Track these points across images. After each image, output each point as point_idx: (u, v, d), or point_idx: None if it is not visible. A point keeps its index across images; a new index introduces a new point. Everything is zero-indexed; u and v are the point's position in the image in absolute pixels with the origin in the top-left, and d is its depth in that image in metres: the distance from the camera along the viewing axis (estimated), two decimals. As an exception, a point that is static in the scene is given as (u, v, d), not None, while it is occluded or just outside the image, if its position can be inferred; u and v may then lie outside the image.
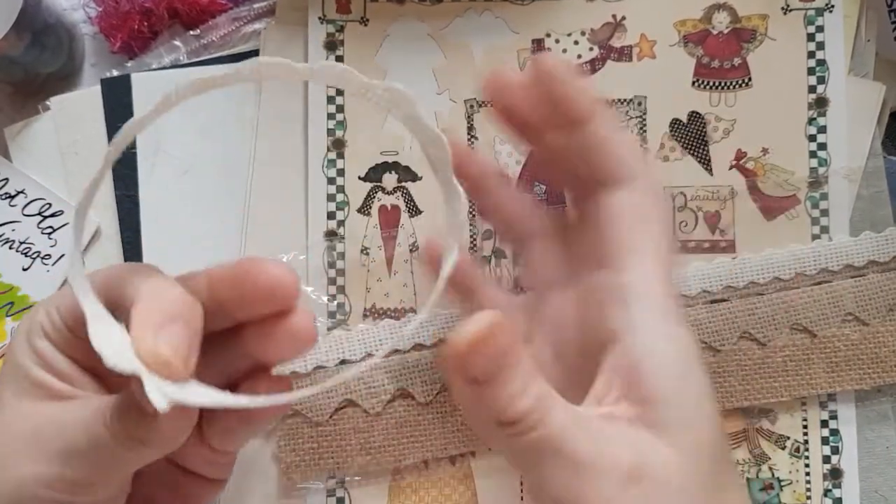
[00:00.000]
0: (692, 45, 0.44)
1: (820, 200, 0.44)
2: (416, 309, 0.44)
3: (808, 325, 0.43)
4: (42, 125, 0.45)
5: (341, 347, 0.42)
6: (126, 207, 0.44)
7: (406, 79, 0.44)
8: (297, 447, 0.42)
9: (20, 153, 0.45)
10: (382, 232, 0.44)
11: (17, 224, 0.44)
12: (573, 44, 0.45)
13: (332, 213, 0.44)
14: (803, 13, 0.44)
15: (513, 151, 0.44)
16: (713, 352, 0.43)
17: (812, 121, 0.44)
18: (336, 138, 0.44)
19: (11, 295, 0.44)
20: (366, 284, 0.44)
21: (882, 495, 0.44)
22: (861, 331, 0.43)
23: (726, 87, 0.44)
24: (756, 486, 0.44)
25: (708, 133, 0.44)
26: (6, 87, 0.46)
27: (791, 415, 0.44)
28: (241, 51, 0.45)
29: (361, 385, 0.42)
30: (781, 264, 0.43)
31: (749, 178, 0.44)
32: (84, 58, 0.47)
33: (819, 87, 0.44)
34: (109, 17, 0.45)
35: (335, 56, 0.44)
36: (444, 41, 0.44)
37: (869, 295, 0.43)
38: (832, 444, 0.44)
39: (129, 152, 0.44)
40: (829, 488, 0.44)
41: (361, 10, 0.44)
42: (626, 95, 0.44)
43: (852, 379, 0.43)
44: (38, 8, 0.43)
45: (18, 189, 0.44)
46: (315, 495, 0.43)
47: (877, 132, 0.44)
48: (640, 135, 0.44)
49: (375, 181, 0.44)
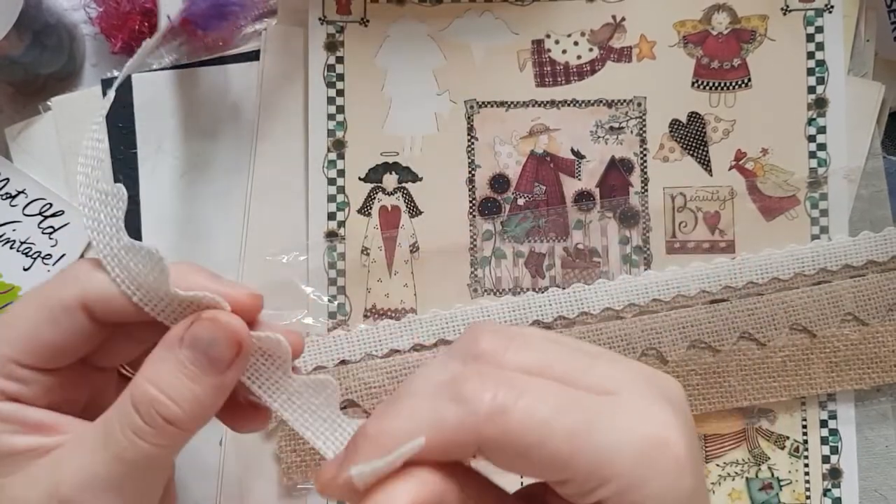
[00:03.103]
0: (692, 46, 0.44)
1: (819, 201, 0.44)
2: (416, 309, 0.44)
3: (807, 325, 0.43)
4: (42, 125, 0.45)
5: (341, 347, 0.43)
6: (126, 207, 0.44)
7: (406, 79, 0.44)
8: (297, 447, 0.42)
9: (21, 153, 0.45)
10: (383, 232, 0.44)
11: (17, 224, 0.44)
12: (573, 44, 0.45)
13: (333, 213, 0.44)
14: (803, 14, 0.44)
15: (513, 152, 0.44)
16: (713, 352, 0.43)
17: (812, 121, 0.44)
18: (336, 139, 0.44)
19: (12, 295, 0.44)
20: (366, 285, 0.44)
21: (882, 495, 0.44)
22: (860, 331, 0.43)
23: (726, 88, 0.44)
24: (755, 485, 0.44)
25: (707, 133, 0.44)
26: (7, 87, 0.46)
27: (790, 415, 0.44)
28: (241, 51, 0.45)
29: (361, 385, 0.42)
30: (781, 264, 0.43)
31: (749, 178, 0.44)
32: (84, 58, 0.47)
33: (818, 87, 0.44)
34: (110, 17, 0.45)
35: (335, 56, 0.44)
36: (444, 42, 0.45)
37: (868, 295, 0.43)
38: (832, 443, 0.44)
39: (129, 152, 0.44)
40: (829, 488, 0.44)
41: (361, 11, 0.44)
42: (626, 96, 0.44)
43: (852, 379, 0.43)
44: (39, 8, 0.43)
45: (19, 189, 0.44)
46: (316, 495, 0.43)
47: (876, 132, 0.44)
48: (639, 135, 0.44)
49: (375, 182, 0.44)
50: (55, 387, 0.29)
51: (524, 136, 0.44)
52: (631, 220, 0.44)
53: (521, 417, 0.24)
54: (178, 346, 0.27)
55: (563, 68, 0.45)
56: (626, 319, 0.43)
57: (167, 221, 0.44)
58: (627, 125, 0.44)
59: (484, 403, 0.24)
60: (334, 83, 0.44)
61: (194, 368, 0.27)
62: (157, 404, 0.27)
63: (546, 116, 0.44)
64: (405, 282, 0.44)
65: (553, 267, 0.44)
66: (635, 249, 0.44)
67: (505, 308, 0.43)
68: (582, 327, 0.43)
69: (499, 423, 0.24)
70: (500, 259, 0.44)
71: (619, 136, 0.44)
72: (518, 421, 0.24)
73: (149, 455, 0.27)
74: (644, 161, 0.44)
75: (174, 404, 0.27)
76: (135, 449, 0.27)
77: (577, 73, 0.45)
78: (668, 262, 0.44)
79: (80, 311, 0.28)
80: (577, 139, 0.44)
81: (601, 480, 0.24)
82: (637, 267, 0.44)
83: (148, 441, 0.27)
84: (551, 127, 0.44)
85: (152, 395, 0.27)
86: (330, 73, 0.44)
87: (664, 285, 0.43)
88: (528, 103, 0.44)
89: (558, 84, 0.45)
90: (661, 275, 0.43)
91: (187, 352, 0.27)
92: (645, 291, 0.43)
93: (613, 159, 0.44)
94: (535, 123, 0.44)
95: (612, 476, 0.24)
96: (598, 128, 0.44)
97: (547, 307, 0.43)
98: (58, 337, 0.28)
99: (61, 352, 0.29)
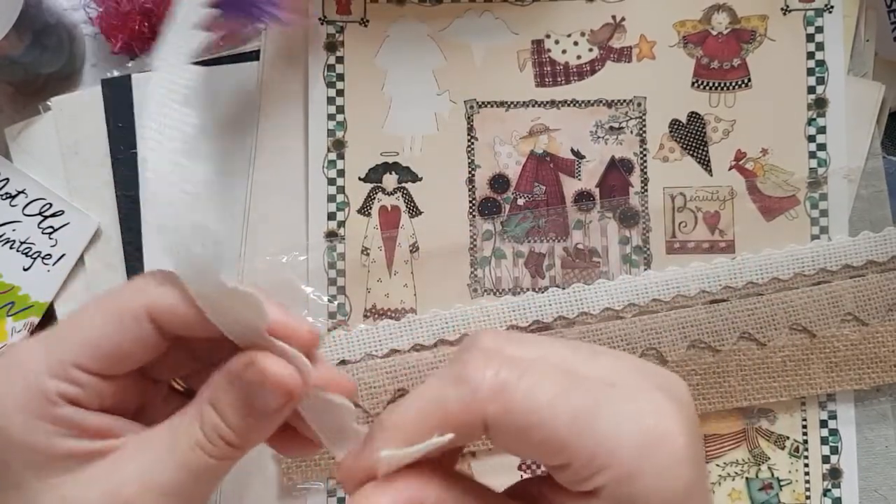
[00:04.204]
0: (692, 46, 0.44)
1: (819, 201, 0.44)
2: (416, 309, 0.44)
3: (807, 325, 0.43)
4: (42, 125, 0.45)
5: (341, 347, 0.43)
6: (126, 207, 0.44)
7: (406, 79, 0.44)
8: (297, 447, 0.42)
9: (21, 153, 0.45)
10: (382, 232, 0.44)
11: (17, 224, 0.44)
12: (573, 44, 0.45)
13: (333, 213, 0.44)
14: (803, 14, 0.44)
15: (513, 152, 0.44)
16: (713, 352, 0.43)
17: (811, 121, 0.44)
18: (336, 139, 0.44)
19: (12, 295, 0.44)
20: (366, 285, 0.44)
21: (881, 494, 0.44)
22: (860, 331, 0.43)
23: (726, 88, 0.44)
24: (755, 485, 0.44)
25: (707, 133, 0.44)
26: (7, 87, 0.46)
27: (790, 415, 0.44)
28: (241, 51, 0.45)
29: (361, 385, 0.42)
30: (780, 264, 0.43)
31: (748, 178, 0.44)
32: (85, 58, 0.47)
33: (818, 87, 0.44)
34: (110, 17, 0.45)
35: (335, 56, 0.44)
36: (444, 42, 0.45)
37: (868, 295, 0.43)
38: (831, 443, 0.44)
39: (129, 152, 0.44)
40: (829, 488, 0.44)
41: (361, 11, 0.44)
42: (626, 96, 0.44)
43: (851, 379, 0.43)
44: (39, 8, 0.43)
45: (19, 189, 0.44)
46: (315, 495, 0.43)
47: (876, 132, 0.44)
48: (639, 135, 0.44)
49: (375, 182, 0.44)
50: (110, 394, 0.30)
51: (524, 136, 0.44)
52: (631, 220, 0.44)
53: (523, 396, 0.25)
54: (238, 381, 0.28)
55: (563, 68, 0.45)
56: (626, 319, 0.43)
57: (167, 221, 0.44)
58: (627, 125, 0.44)
59: (486, 381, 0.25)
60: (334, 83, 0.44)
61: (246, 407, 0.28)
62: (218, 428, 0.28)
63: (546, 116, 0.44)
64: (405, 282, 0.44)
65: (553, 267, 0.44)
66: (635, 249, 0.44)
67: (505, 308, 0.43)
68: (582, 327, 0.43)
69: (501, 400, 0.25)
70: (499, 259, 0.44)
71: (618, 136, 0.44)
72: (520, 399, 0.25)
73: (211, 466, 0.28)
74: (644, 161, 0.44)
75: (231, 431, 0.28)
76: (199, 460, 0.28)
77: (577, 73, 0.45)
78: (668, 262, 0.44)
79: (147, 320, 0.29)
80: (576, 139, 0.44)
81: (600, 467, 0.25)
82: (637, 267, 0.44)
83: (210, 454, 0.28)
84: (551, 127, 0.44)
85: (213, 420, 0.28)
86: (330, 73, 0.44)
87: (664, 285, 0.43)
88: (527, 103, 0.44)
89: (558, 84, 0.45)
90: (660, 275, 0.43)
91: (240, 392, 0.28)
92: (645, 291, 0.43)
93: (613, 159, 0.44)
94: (535, 123, 0.44)
95: (611, 464, 0.25)
96: (598, 128, 0.44)
97: (547, 307, 0.43)
98: (124, 345, 0.29)
99: (124, 359, 0.29)
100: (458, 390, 0.25)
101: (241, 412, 0.28)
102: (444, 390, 0.26)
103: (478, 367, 0.25)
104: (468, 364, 0.26)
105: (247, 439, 0.29)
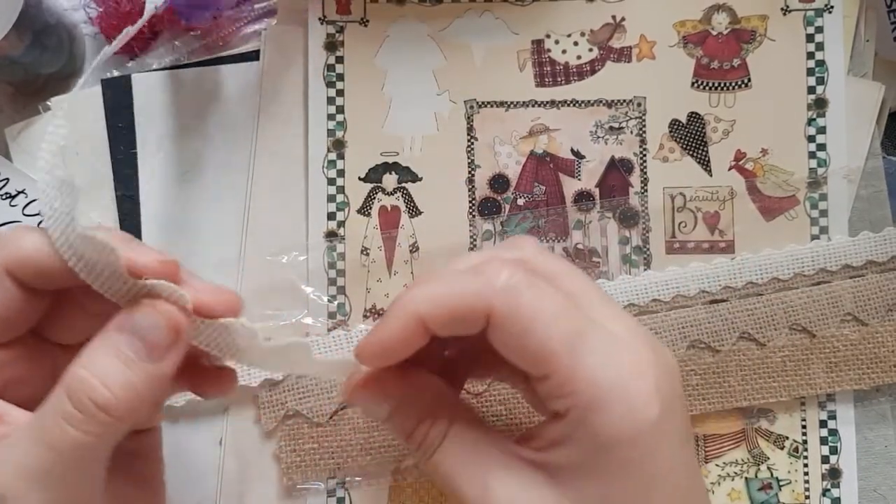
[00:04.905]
0: (692, 46, 0.44)
1: (819, 201, 0.44)
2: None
3: (807, 325, 0.43)
4: (42, 125, 0.45)
5: (341, 347, 0.43)
6: (126, 207, 0.44)
7: (406, 79, 0.44)
8: (297, 448, 0.42)
9: (20, 153, 0.45)
10: (382, 232, 0.44)
11: (17, 224, 0.44)
12: (573, 44, 0.45)
13: (333, 213, 0.44)
14: (803, 14, 0.44)
15: (512, 152, 0.44)
16: (712, 352, 0.43)
17: (811, 121, 0.44)
18: (336, 139, 0.44)
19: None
20: (366, 285, 0.44)
21: (881, 494, 0.44)
22: (860, 331, 0.43)
23: (726, 88, 0.44)
24: (755, 485, 0.44)
25: (707, 134, 0.44)
26: (7, 87, 0.46)
27: (790, 415, 0.44)
28: (241, 51, 0.45)
29: (361, 385, 0.42)
30: (780, 264, 0.43)
31: (748, 178, 0.44)
32: (85, 58, 0.47)
33: (818, 87, 0.44)
34: (110, 17, 0.45)
35: (335, 56, 0.44)
36: (444, 42, 0.45)
37: (868, 295, 0.43)
38: (831, 443, 0.44)
39: (130, 152, 0.44)
40: (828, 488, 0.44)
41: (361, 11, 0.44)
42: (626, 96, 0.44)
43: (851, 379, 0.43)
44: (39, 8, 0.43)
45: (19, 189, 0.44)
46: (315, 496, 0.43)
47: (876, 132, 0.44)
48: (639, 135, 0.44)
49: (375, 182, 0.44)
50: (7, 362, 0.29)
51: (524, 136, 0.44)
52: (631, 220, 0.44)
53: (528, 302, 0.27)
54: (117, 333, 0.27)
55: (562, 68, 0.45)
56: (626, 319, 0.43)
57: (167, 221, 0.44)
58: (627, 125, 0.44)
59: (500, 279, 0.28)
60: (334, 83, 0.44)
61: (130, 354, 0.27)
62: (89, 388, 0.26)
63: (546, 116, 0.44)
64: (405, 282, 0.44)
65: (553, 267, 0.44)
66: (635, 249, 0.44)
67: (505, 308, 0.43)
68: (582, 327, 0.43)
69: (508, 299, 0.27)
70: (499, 259, 0.44)
71: (618, 136, 0.44)
72: (525, 305, 0.27)
73: (80, 444, 0.26)
74: (644, 161, 0.44)
75: (106, 389, 0.26)
76: (65, 437, 0.26)
77: (577, 73, 0.45)
78: (667, 263, 0.44)
79: (5, 276, 0.28)
80: (576, 139, 0.44)
81: (573, 389, 0.27)
82: (637, 267, 0.44)
83: (78, 428, 0.26)
84: (551, 127, 0.44)
85: (83, 378, 0.26)
86: (330, 73, 0.44)
87: (664, 285, 0.43)
88: (527, 103, 0.44)
89: (558, 84, 0.45)
90: (660, 275, 0.43)
91: (124, 337, 0.27)
92: (644, 291, 0.43)
93: (613, 159, 0.44)
94: (535, 123, 0.44)
95: (586, 388, 0.27)
96: (598, 128, 0.44)
97: (547, 307, 0.43)
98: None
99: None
100: (474, 280, 0.28)
101: (122, 360, 0.27)
102: (462, 277, 0.28)
103: (496, 267, 0.28)
104: (489, 264, 0.29)
105: (125, 400, 0.27)
